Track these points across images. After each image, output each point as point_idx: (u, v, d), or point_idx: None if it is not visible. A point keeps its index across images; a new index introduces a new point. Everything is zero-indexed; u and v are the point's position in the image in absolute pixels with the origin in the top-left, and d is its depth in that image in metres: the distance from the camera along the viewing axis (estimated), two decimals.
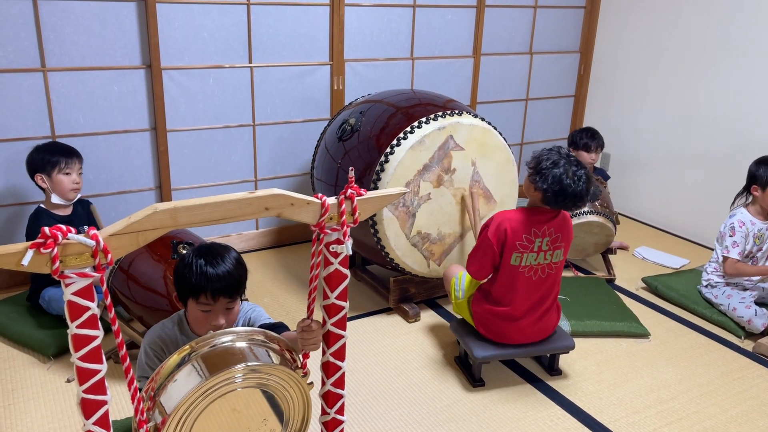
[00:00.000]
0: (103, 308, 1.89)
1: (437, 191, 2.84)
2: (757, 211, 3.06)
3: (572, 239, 2.46)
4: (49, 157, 2.66)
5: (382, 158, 2.74)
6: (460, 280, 2.61)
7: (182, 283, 1.76)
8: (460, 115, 2.85)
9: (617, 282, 3.50)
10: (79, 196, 2.79)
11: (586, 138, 3.74)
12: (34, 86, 2.96)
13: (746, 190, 3.10)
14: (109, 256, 1.25)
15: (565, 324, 2.89)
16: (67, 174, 2.68)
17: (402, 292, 3.05)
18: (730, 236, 3.03)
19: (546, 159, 2.30)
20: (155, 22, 3.10)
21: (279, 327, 1.86)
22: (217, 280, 1.72)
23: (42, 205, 2.74)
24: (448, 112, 2.83)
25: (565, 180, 2.24)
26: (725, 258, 3.04)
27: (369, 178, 2.78)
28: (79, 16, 2.97)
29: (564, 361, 2.67)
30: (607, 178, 3.89)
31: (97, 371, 1.33)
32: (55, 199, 2.69)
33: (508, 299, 2.39)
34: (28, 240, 2.69)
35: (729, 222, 3.07)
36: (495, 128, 2.95)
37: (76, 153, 2.73)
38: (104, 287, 1.30)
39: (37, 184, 2.72)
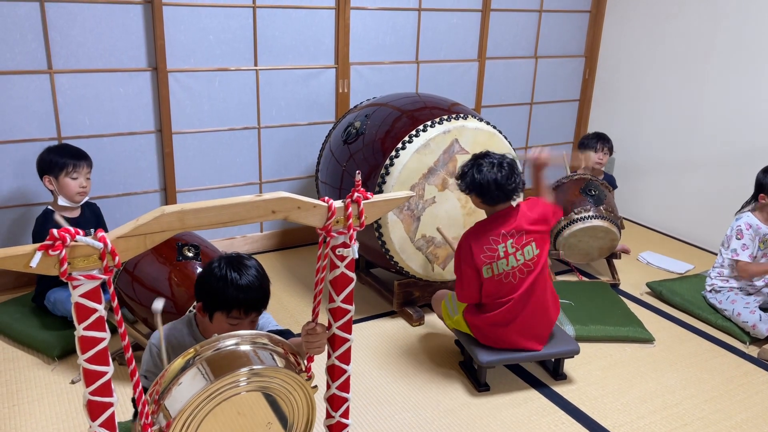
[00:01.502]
0: (109, 310, 1.89)
1: (442, 195, 2.84)
2: (764, 217, 3.05)
3: (548, 224, 2.43)
4: (58, 159, 2.65)
5: (387, 161, 2.74)
6: (451, 300, 2.62)
7: (213, 297, 1.74)
8: (465, 118, 2.85)
9: (622, 287, 3.49)
10: (86, 198, 2.79)
11: (593, 139, 3.79)
12: (41, 88, 2.97)
13: (754, 198, 3.09)
14: (117, 258, 1.26)
15: (569, 329, 2.88)
16: (74, 179, 2.67)
17: (406, 295, 3.05)
18: (738, 239, 3.02)
19: (462, 167, 2.44)
20: (161, 25, 3.11)
21: (285, 334, 1.85)
22: (251, 295, 1.73)
23: (50, 207, 2.75)
24: (453, 115, 2.84)
25: (482, 175, 2.34)
26: (736, 262, 3.03)
27: (374, 181, 2.78)
28: (85, 18, 2.98)
29: (568, 365, 2.66)
30: (614, 186, 3.90)
31: (104, 373, 1.33)
32: (62, 201, 2.70)
33: (498, 305, 2.40)
34: (34, 240, 2.72)
35: (735, 225, 3.07)
36: (500, 132, 2.95)
37: (85, 157, 2.72)
38: (111, 289, 1.31)
39: (45, 185, 2.73)
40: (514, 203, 2.43)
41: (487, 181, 2.33)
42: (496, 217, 2.40)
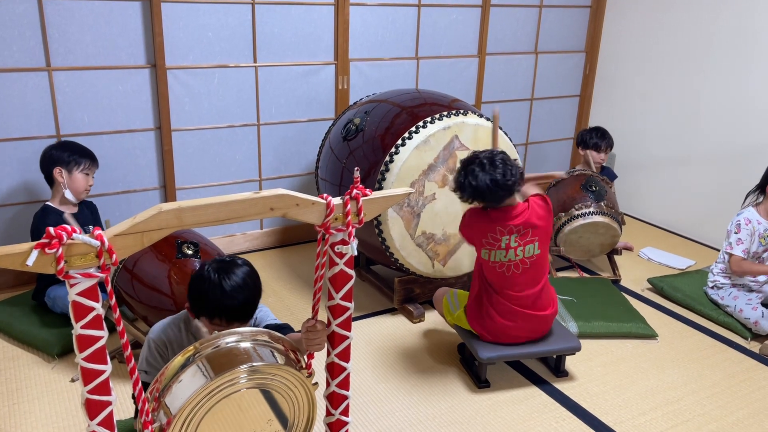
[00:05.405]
0: (107, 308, 1.88)
1: (442, 191, 2.83)
2: (766, 210, 3.04)
3: (550, 229, 2.42)
4: (77, 156, 2.75)
5: (387, 158, 2.73)
6: (452, 297, 2.62)
7: (197, 301, 1.75)
8: (465, 114, 2.84)
9: (623, 283, 3.48)
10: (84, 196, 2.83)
11: (596, 138, 3.75)
12: (39, 86, 2.96)
13: (759, 188, 3.07)
14: (114, 256, 1.25)
15: (572, 325, 2.87)
16: (86, 174, 2.77)
17: (406, 292, 3.04)
18: (735, 233, 3.02)
19: (456, 178, 2.35)
20: (160, 22, 3.10)
21: (284, 328, 1.85)
22: (233, 304, 1.72)
23: (49, 203, 2.76)
24: (453, 111, 2.82)
25: (478, 180, 2.25)
26: (730, 255, 3.02)
27: (374, 178, 2.78)
28: (84, 15, 2.97)
29: (569, 362, 2.66)
30: (614, 178, 3.88)
31: (102, 372, 1.32)
32: (68, 194, 2.74)
33: (495, 298, 2.40)
34: (33, 237, 2.72)
35: (735, 219, 3.06)
36: (500, 128, 2.94)
37: (96, 159, 2.83)
38: (109, 287, 1.30)
39: (50, 178, 2.75)
40: (520, 198, 2.40)
41: (486, 184, 2.24)
42: (505, 209, 2.34)
